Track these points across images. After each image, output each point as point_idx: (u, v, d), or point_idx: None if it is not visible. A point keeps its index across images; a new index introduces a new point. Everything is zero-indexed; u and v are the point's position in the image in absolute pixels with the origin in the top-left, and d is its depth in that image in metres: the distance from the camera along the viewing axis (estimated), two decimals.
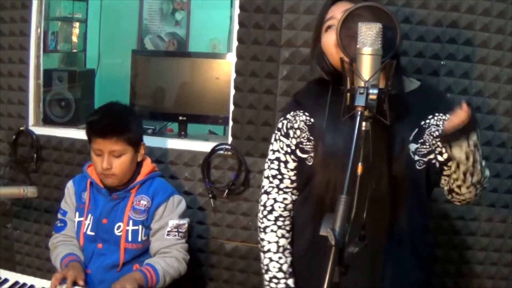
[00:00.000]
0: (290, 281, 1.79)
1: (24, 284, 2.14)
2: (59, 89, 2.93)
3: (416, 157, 1.64)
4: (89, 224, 2.21)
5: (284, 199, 1.80)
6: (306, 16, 2.34)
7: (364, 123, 1.34)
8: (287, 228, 1.81)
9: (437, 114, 1.67)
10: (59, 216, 2.30)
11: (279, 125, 1.82)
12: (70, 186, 2.32)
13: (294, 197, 1.81)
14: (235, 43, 2.48)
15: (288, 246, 1.81)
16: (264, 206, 1.82)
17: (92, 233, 2.20)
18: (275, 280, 1.79)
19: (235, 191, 2.57)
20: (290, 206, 1.81)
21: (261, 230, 1.82)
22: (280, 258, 1.79)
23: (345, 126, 1.55)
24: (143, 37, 4.30)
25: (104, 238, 2.20)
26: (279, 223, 1.80)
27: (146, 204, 2.20)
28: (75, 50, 3.76)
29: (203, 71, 2.83)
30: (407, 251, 1.70)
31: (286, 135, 1.79)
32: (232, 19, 3.05)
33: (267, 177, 1.83)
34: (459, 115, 1.48)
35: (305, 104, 1.77)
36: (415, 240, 1.72)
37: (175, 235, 2.20)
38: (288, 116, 1.80)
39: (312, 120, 1.73)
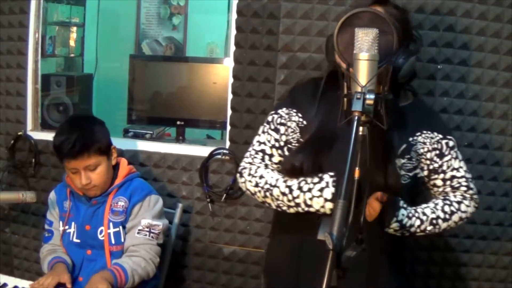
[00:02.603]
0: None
1: None
2: (57, 94, 2.94)
3: (402, 172, 1.66)
4: (74, 232, 2.22)
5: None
6: (303, 21, 2.34)
7: (361, 128, 1.35)
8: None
9: (424, 132, 1.70)
10: (46, 226, 2.32)
11: (269, 118, 1.81)
12: (52, 196, 2.32)
13: None
14: (232, 48, 2.48)
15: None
16: (250, 164, 1.79)
17: (78, 241, 2.21)
18: (303, 183, 1.66)
19: (233, 196, 2.57)
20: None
21: (251, 174, 1.75)
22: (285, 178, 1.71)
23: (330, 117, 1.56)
24: (141, 42, 4.29)
25: (91, 244, 2.20)
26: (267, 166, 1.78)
27: (123, 205, 2.20)
28: (72, 55, 3.76)
29: (201, 76, 2.83)
30: (401, 257, 1.71)
31: (276, 130, 1.78)
32: (229, 23, 3.05)
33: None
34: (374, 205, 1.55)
35: (299, 103, 1.77)
36: (403, 247, 1.74)
37: (146, 235, 2.17)
38: (280, 111, 1.80)
39: (304, 122, 1.74)
